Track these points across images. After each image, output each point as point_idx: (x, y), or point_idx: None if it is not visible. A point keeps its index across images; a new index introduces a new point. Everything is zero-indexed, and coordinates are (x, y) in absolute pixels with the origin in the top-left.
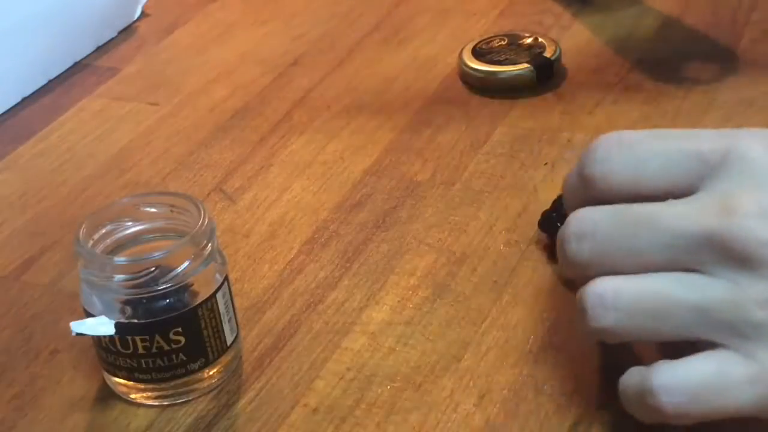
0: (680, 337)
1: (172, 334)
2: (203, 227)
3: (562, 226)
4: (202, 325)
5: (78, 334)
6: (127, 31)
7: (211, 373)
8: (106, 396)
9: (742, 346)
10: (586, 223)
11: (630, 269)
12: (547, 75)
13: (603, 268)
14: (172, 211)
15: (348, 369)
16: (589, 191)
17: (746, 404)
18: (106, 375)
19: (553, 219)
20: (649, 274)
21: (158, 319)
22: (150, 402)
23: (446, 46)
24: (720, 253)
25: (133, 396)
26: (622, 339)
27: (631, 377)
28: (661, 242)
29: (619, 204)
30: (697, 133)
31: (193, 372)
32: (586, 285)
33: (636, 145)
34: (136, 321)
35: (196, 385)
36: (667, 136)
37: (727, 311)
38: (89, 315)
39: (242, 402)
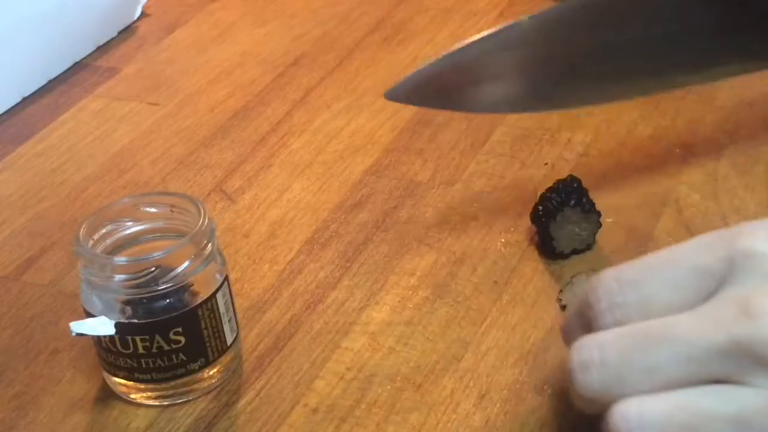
0: None
1: (172, 334)
2: (203, 227)
3: (569, 358)
4: (202, 325)
5: (78, 334)
6: (127, 31)
7: (211, 373)
8: (106, 396)
9: None
10: (592, 351)
11: (649, 390)
12: None
13: (618, 394)
14: (172, 211)
15: (348, 369)
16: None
17: None
18: (106, 375)
19: (539, 212)
20: (675, 390)
21: (158, 319)
22: (150, 402)
23: (446, 46)
24: (748, 360)
25: (133, 396)
26: None
27: None
28: (680, 356)
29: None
30: (694, 248)
31: (193, 372)
32: (610, 410)
33: (638, 284)
34: (136, 321)
35: (196, 385)
36: (665, 262)
37: (762, 418)
38: (89, 315)
39: (242, 402)
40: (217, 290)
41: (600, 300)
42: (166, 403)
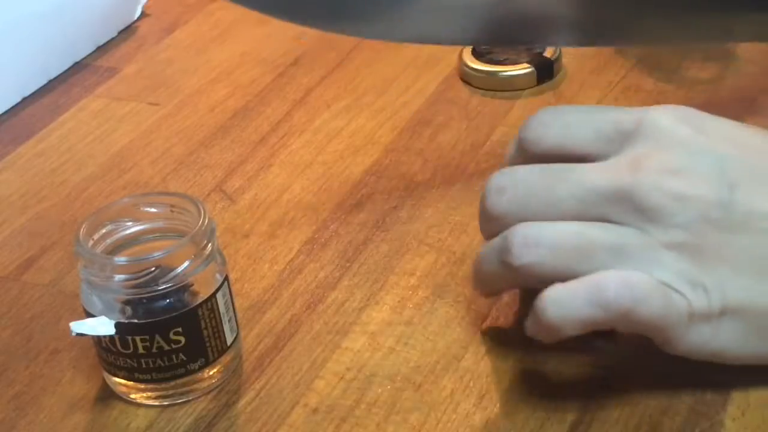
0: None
1: (172, 334)
2: (203, 227)
3: (487, 183)
4: (202, 325)
5: (78, 335)
6: (127, 31)
7: (211, 373)
8: (106, 396)
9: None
10: (507, 178)
11: (545, 219)
12: (547, 75)
13: (520, 218)
14: (172, 211)
15: (348, 369)
16: (523, 153)
17: (652, 317)
18: (106, 375)
19: None
20: (566, 221)
21: (158, 319)
22: (150, 402)
23: (446, 46)
24: (628, 205)
25: (133, 396)
26: (542, 278)
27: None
28: (577, 195)
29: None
30: (619, 109)
31: (193, 372)
32: (511, 228)
33: (566, 114)
34: (136, 321)
35: (196, 385)
36: (595, 109)
37: (638, 251)
38: (89, 315)
39: (242, 402)
40: (217, 290)
41: (529, 123)
42: (166, 403)
